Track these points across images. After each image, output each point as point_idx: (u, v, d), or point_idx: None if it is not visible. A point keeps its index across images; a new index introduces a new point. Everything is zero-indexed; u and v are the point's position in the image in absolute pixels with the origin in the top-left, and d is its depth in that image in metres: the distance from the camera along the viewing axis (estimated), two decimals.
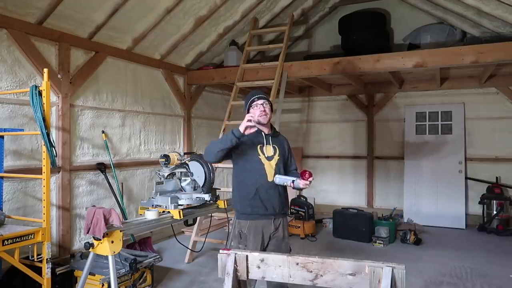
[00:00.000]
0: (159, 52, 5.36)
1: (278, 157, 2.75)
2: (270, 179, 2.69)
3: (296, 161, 3.01)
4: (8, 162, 3.56)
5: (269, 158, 2.72)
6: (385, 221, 5.64)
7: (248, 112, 2.76)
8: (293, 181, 2.61)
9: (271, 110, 2.80)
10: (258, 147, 2.72)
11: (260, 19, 5.91)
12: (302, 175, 2.60)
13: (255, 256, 2.02)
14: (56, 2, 3.70)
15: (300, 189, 2.73)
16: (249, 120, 2.55)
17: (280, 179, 2.65)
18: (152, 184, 5.04)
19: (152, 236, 4.90)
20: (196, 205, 3.35)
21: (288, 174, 2.82)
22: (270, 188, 2.69)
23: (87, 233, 2.67)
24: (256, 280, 2.30)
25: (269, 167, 2.70)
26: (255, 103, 2.73)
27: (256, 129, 2.70)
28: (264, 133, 2.77)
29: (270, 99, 3.43)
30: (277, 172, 2.72)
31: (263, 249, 2.72)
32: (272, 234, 2.74)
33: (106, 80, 4.69)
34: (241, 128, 2.54)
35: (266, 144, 2.74)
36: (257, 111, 2.71)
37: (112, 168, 4.63)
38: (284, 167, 2.82)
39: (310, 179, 2.59)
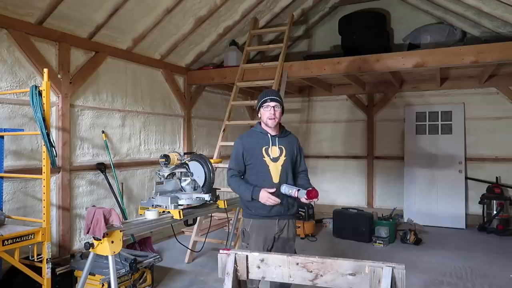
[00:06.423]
0: (159, 52, 5.36)
1: (284, 158, 2.72)
2: (275, 180, 2.66)
3: None
4: (8, 162, 3.56)
5: (275, 160, 2.70)
6: (385, 221, 5.63)
7: (259, 110, 2.74)
8: (298, 190, 2.58)
9: (282, 112, 2.76)
10: (263, 149, 2.70)
11: (260, 19, 5.91)
12: (307, 194, 2.56)
13: (255, 256, 2.02)
14: (56, 2, 3.71)
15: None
16: (271, 201, 2.57)
17: (286, 189, 2.62)
18: (152, 184, 5.03)
19: (152, 236, 4.90)
20: (196, 205, 3.35)
21: (297, 178, 2.79)
22: (275, 190, 2.67)
23: (87, 233, 2.67)
24: (259, 280, 2.29)
25: (275, 168, 2.68)
26: (266, 104, 2.69)
27: None
28: (270, 135, 2.74)
29: None
30: (283, 174, 2.70)
31: (268, 250, 2.70)
32: (277, 235, 2.73)
33: (106, 80, 4.69)
34: (261, 200, 2.58)
35: (271, 146, 2.71)
36: (267, 113, 2.69)
37: (112, 168, 4.63)
38: (293, 168, 2.79)
39: (315, 200, 2.58)
